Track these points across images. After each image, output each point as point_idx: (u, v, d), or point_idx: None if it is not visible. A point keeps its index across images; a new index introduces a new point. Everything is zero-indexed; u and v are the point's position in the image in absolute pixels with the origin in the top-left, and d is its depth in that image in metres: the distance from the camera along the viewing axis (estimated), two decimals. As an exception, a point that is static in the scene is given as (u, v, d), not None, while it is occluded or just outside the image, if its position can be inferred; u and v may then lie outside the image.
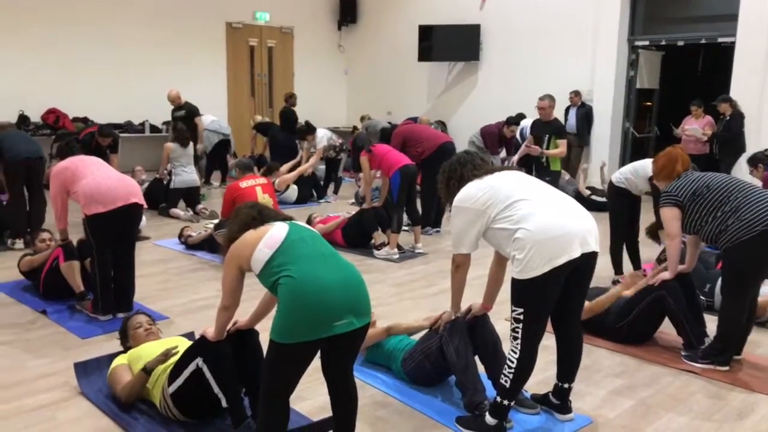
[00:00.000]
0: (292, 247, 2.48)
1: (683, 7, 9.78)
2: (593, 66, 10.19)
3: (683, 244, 3.95)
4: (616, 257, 5.26)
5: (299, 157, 9.29)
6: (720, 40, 9.30)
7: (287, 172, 8.63)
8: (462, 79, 12.08)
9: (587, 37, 10.18)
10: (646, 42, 10.09)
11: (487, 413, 2.88)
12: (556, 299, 2.82)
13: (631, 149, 10.43)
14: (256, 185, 6.05)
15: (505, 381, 2.83)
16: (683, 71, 11.40)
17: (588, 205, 3.42)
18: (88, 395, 3.20)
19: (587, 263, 2.83)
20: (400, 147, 6.68)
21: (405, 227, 6.48)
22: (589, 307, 3.91)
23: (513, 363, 2.81)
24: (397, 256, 6.03)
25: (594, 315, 3.99)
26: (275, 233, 2.53)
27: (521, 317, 2.78)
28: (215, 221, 6.54)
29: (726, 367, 3.65)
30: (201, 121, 9.34)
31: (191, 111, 9.23)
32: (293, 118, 10.27)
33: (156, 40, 11.02)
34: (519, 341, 2.79)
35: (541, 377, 3.35)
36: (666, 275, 3.85)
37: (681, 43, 9.84)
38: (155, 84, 10.79)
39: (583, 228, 2.80)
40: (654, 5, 9.96)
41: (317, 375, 2.69)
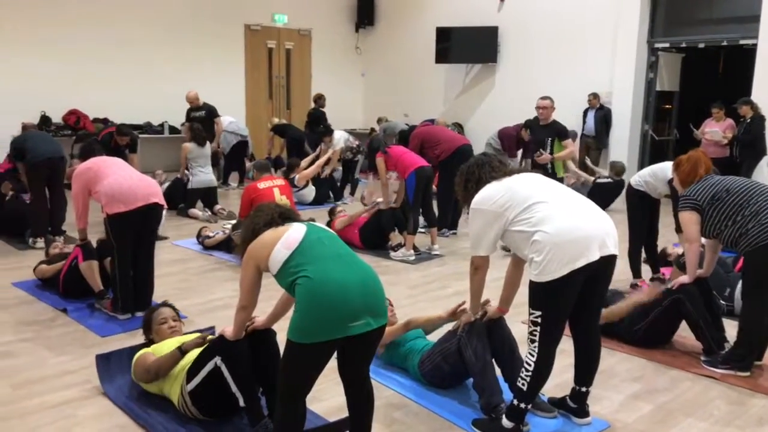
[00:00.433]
0: (309, 248, 2.49)
1: (704, 9, 9.69)
2: (612, 68, 10.12)
3: (702, 248, 3.92)
4: (634, 261, 5.21)
5: (317, 151, 9.32)
6: (741, 42, 9.20)
7: (306, 167, 8.67)
8: (479, 81, 12.05)
9: (606, 39, 10.11)
10: (666, 44, 10.00)
11: (504, 416, 2.87)
12: (574, 302, 2.81)
13: (650, 152, 10.34)
14: (273, 186, 6.08)
15: (522, 384, 2.82)
16: (704, 73, 11.28)
17: (600, 194, 3.38)
18: (107, 393, 3.23)
19: (606, 266, 2.81)
20: (418, 149, 6.67)
21: (421, 229, 6.47)
22: (605, 315, 3.86)
23: (530, 366, 2.80)
24: (413, 257, 6.03)
25: (609, 322, 3.95)
26: (293, 234, 2.54)
27: (539, 320, 2.77)
28: (233, 222, 6.59)
29: (747, 373, 3.60)
30: (220, 122, 9.41)
31: (210, 111, 9.33)
32: (323, 119, 10.61)
33: (175, 42, 11.13)
34: (536, 344, 2.78)
35: (559, 381, 3.33)
36: (684, 279, 3.82)
37: (702, 45, 9.75)
38: (174, 85, 10.89)
39: (602, 231, 2.78)
40: (674, 7, 9.87)
41: (333, 375, 2.70)
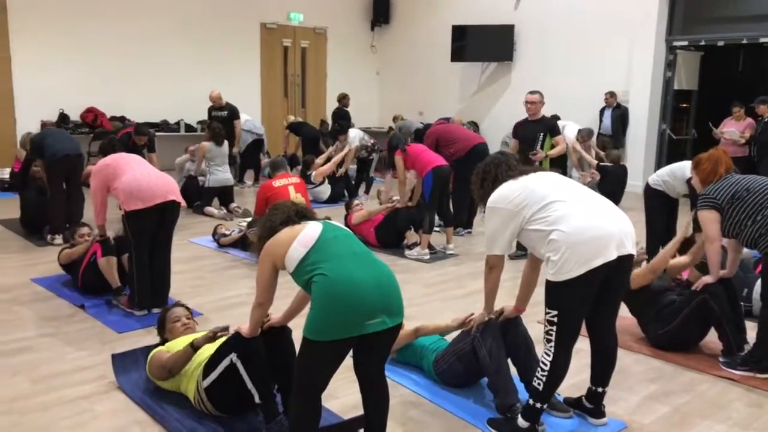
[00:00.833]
0: (325, 246, 2.50)
1: (723, 7, 9.57)
2: (629, 67, 10.04)
3: (722, 248, 3.87)
4: (651, 260, 5.16)
5: (333, 148, 9.34)
6: (762, 40, 9.09)
7: (322, 164, 8.68)
8: (495, 80, 12.00)
9: (624, 37, 10.03)
10: (684, 42, 9.90)
11: (520, 416, 2.86)
12: (590, 302, 2.79)
13: (668, 151, 10.24)
14: (288, 184, 6.10)
15: (538, 384, 2.80)
16: (723, 72, 11.15)
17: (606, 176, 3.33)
18: (124, 389, 3.26)
19: (623, 266, 2.79)
20: (433, 147, 6.66)
21: (436, 228, 6.46)
22: (651, 268, 3.95)
23: (546, 366, 2.78)
24: (428, 256, 6.02)
25: (652, 278, 3.99)
26: (309, 232, 2.55)
27: (555, 320, 2.75)
28: (248, 219, 6.61)
29: (766, 375, 3.55)
30: (240, 124, 9.41)
31: (232, 112, 9.33)
32: (347, 118, 10.83)
33: (192, 40, 11.19)
34: (553, 344, 2.77)
35: (575, 381, 3.31)
36: (708, 279, 3.78)
37: (721, 44, 9.64)
38: (190, 84, 10.99)
39: (620, 230, 2.76)
40: (693, 5, 9.77)
41: (348, 373, 2.70)
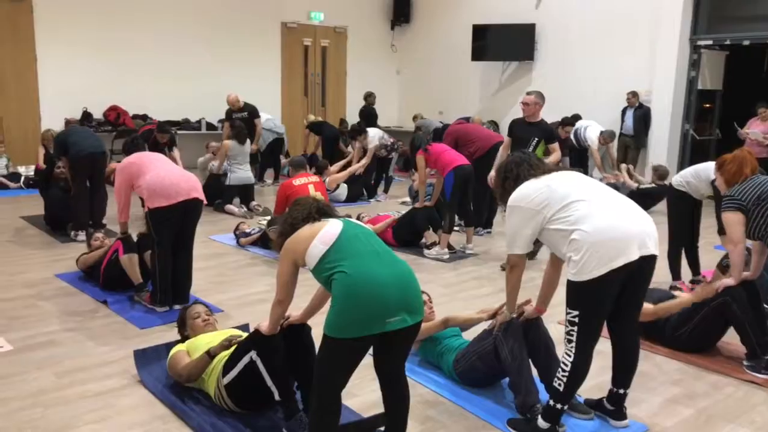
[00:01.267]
0: (346, 244, 2.50)
1: (749, 6, 9.42)
2: (652, 66, 9.93)
3: (747, 250, 3.82)
4: (674, 263, 5.11)
5: (349, 157, 9.36)
6: (788, 39, 8.94)
7: (338, 171, 8.70)
8: (516, 79, 11.94)
9: (647, 37, 9.92)
10: (709, 41, 9.76)
11: (540, 416, 2.85)
12: (612, 302, 2.77)
13: (691, 152, 10.12)
14: (308, 183, 6.13)
15: (559, 384, 2.79)
16: (748, 72, 10.98)
17: (641, 200, 3.32)
18: (146, 384, 3.30)
19: (645, 266, 2.77)
20: (452, 147, 6.64)
21: (456, 227, 6.45)
22: (653, 311, 3.80)
23: (567, 366, 2.76)
24: (448, 256, 6.01)
25: (656, 319, 3.87)
26: (330, 230, 2.55)
27: (576, 320, 2.73)
28: (268, 217, 6.65)
29: (791, 379, 3.51)
30: (260, 123, 9.44)
31: (252, 113, 9.33)
32: (374, 116, 10.98)
33: (213, 39, 11.27)
34: (573, 344, 2.75)
35: (595, 382, 3.28)
36: (729, 281, 3.72)
37: (746, 43, 9.49)
38: (212, 82, 11.08)
39: (642, 230, 2.74)
40: (718, 3, 9.63)
41: (368, 372, 2.71)
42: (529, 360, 3.15)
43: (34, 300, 4.58)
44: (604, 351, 3.08)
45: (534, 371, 3.15)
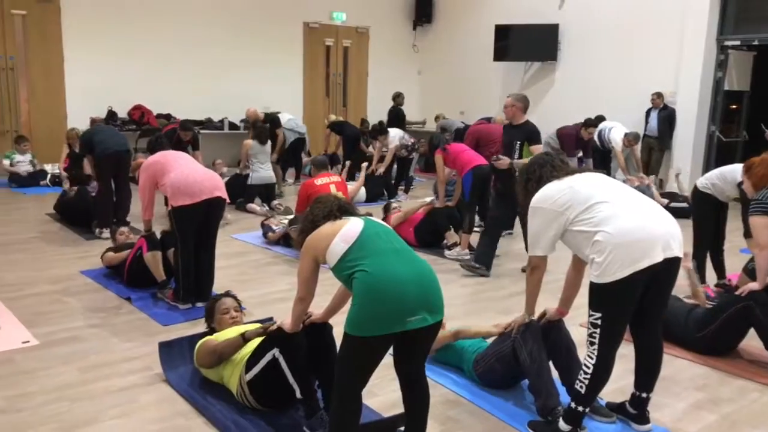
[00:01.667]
0: (367, 242, 2.50)
1: (778, 5, 9.27)
2: (678, 67, 9.80)
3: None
4: (699, 266, 5.04)
5: (375, 151, 9.35)
6: (818, 39, 8.77)
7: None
8: (538, 80, 11.87)
9: (672, 37, 9.79)
10: (736, 42, 9.61)
11: (561, 419, 2.83)
12: (635, 305, 2.74)
13: (716, 154, 9.97)
14: (330, 183, 6.14)
15: (580, 387, 2.77)
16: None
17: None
18: (169, 380, 3.33)
19: (670, 269, 2.74)
20: (472, 147, 6.63)
21: (476, 228, 6.42)
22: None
23: (589, 369, 2.74)
24: (468, 256, 5.98)
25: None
26: (351, 228, 2.56)
27: (599, 322, 2.71)
28: (290, 217, 6.68)
29: (819, 386, 3.44)
30: (283, 133, 9.30)
31: (274, 123, 9.20)
32: (401, 116, 11.05)
33: (235, 39, 11.36)
34: (596, 347, 2.73)
35: (618, 386, 3.25)
36: (754, 286, 3.67)
37: (775, 43, 9.34)
38: (234, 82, 11.17)
39: (666, 232, 2.71)
40: (746, 3, 9.48)
41: (388, 371, 2.71)
42: (550, 362, 3.14)
43: (59, 296, 4.65)
44: (627, 354, 3.06)
45: (555, 373, 3.14)
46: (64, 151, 8.94)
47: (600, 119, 9.49)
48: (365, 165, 7.68)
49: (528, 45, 11.49)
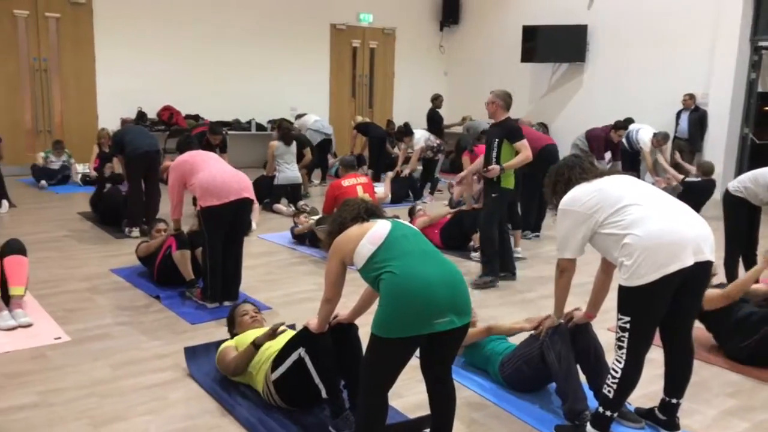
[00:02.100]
0: (394, 244, 2.51)
1: (814, 5, 9.07)
2: (710, 68, 9.63)
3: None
4: (731, 271, 4.95)
5: (401, 153, 9.36)
6: None
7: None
8: (566, 81, 11.76)
9: (705, 37, 9.63)
10: (771, 42, 9.43)
11: (589, 424, 2.80)
12: (665, 309, 2.70)
13: (750, 157, 9.78)
14: (357, 184, 6.17)
15: (609, 391, 2.73)
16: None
17: (687, 197, 3.20)
18: (196, 378, 3.37)
19: (701, 273, 2.69)
20: (500, 148, 6.56)
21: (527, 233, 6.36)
22: (724, 294, 3.70)
23: (617, 373, 2.71)
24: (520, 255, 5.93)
25: (726, 304, 3.74)
26: (378, 230, 2.56)
27: (627, 326, 2.68)
28: (316, 217, 6.71)
29: None
30: (309, 153, 8.98)
31: (301, 143, 8.82)
32: (437, 119, 11.15)
33: (263, 41, 11.46)
34: (624, 351, 2.69)
35: (646, 391, 3.21)
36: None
37: (811, 44, 9.13)
38: (262, 84, 11.27)
39: (697, 235, 2.66)
40: (780, 3, 9.30)
41: (414, 373, 2.71)
42: (578, 366, 3.10)
43: (90, 294, 4.73)
44: (655, 359, 3.01)
45: (582, 377, 3.10)
46: (94, 152, 9.09)
47: (629, 121, 9.36)
48: (390, 174, 7.64)
49: (556, 46, 11.40)
